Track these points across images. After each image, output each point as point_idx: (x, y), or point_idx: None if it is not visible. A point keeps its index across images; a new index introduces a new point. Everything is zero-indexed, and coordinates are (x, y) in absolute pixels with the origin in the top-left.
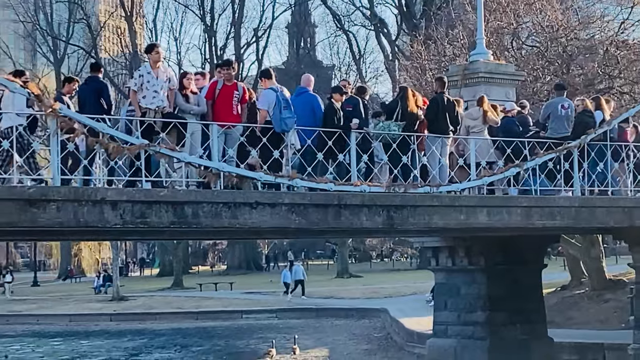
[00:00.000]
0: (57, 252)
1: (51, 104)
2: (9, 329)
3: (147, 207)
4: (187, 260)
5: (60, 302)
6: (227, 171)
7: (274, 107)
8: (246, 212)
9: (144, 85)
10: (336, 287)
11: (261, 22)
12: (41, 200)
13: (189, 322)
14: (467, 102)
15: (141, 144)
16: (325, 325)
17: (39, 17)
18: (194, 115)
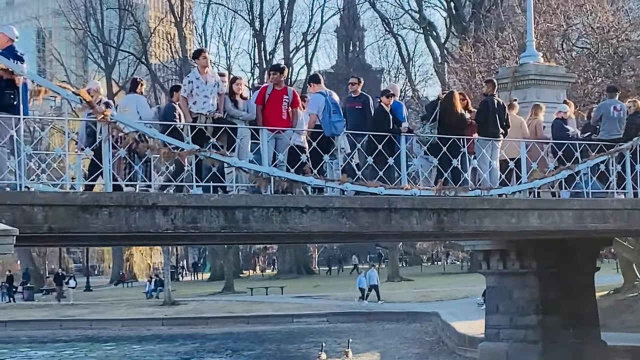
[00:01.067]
0: (109, 257)
1: (103, 110)
2: (62, 333)
3: (198, 212)
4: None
5: (113, 307)
6: (278, 176)
7: (323, 111)
8: (297, 217)
9: (194, 91)
10: (387, 290)
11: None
12: (94, 206)
13: (240, 326)
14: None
15: (192, 149)
16: (376, 329)
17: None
18: (244, 120)
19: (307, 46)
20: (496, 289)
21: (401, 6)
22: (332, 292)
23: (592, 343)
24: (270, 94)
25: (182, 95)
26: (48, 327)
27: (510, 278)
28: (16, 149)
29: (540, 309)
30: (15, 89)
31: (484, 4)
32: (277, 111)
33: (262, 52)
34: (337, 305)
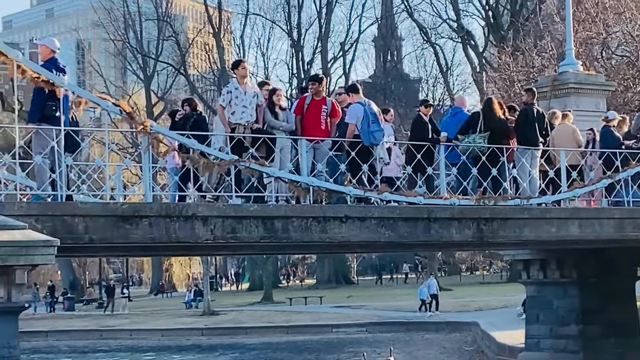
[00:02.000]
0: (149, 268)
1: (142, 121)
2: (102, 344)
3: (237, 222)
4: (276, 274)
5: (152, 317)
6: (316, 185)
7: (362, 120)
8: (336, 226)
9: (233, 101)
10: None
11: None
12: (134, 216)
13: (279, 336)
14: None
15: (231, 160)
16: (415, 338)
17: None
18: (283, 131)
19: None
20: (536, 299)
21: (439, 15)
22: (370, 302)
23: (634, 352)
24: (309, 104)
25: (220, 105)
26: (88, 337)
27: (550, 287)
28: (57, 160)
29: (581, 318)
30: (57, 100)
31: (522, 13)
32: (316, 121)
33: (300, 62)
34: (376, 315)
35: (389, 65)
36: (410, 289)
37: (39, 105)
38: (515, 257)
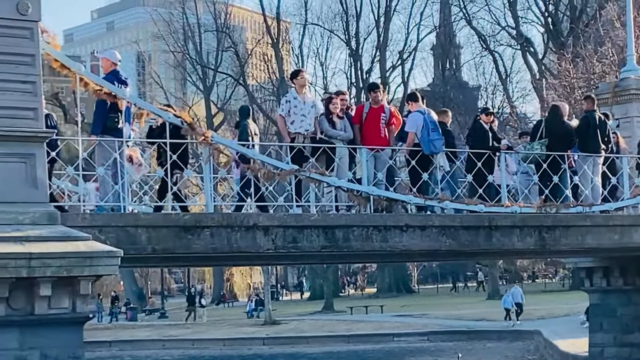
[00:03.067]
0: (210, 278)
1: (203, 132)
2: (165, 353)
3: (298, 231)
4: (337, 283)
5: (214, 327)
6: (377, 194)
7: (421, 129)
8: (396, 235)
9: (292, 111)
10: (487, 309)
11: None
12: (196, 227)
13: (340, 345)
14: (618, 119)
15: (291, 169)
16: (477, 347)
17: (188, 47)
18: (341, 140)
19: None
20: (599, 307)
21: (498, 23)
22: (432, 311)
23: None
24: (367, 113)
25: (280, 115)
26: (151, 347)
27: (614, 295)
28: (119, 172)
29: None
30: (119, 112)
31: (582, 19)
32: (376, 129)
33: (359, 71)
34: (437, 324)
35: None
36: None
37: (101, 117)
38: (578, 265)
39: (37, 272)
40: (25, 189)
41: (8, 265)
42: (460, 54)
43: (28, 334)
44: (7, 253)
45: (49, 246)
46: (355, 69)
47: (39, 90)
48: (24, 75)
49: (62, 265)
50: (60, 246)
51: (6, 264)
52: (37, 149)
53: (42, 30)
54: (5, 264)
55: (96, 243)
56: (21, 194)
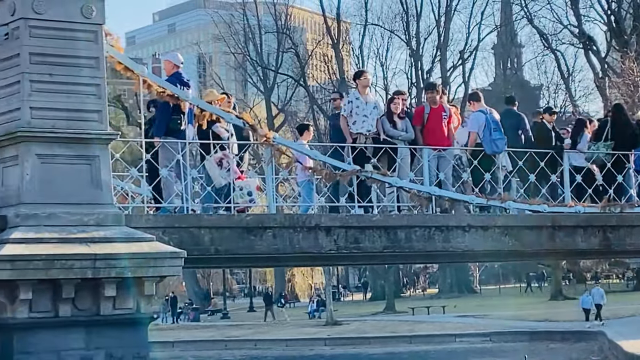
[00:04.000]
0: (271, 278)
1: (265, 133)
2: (227, 354)
3: (360, 232)
4: (398, 284)
5: (276, 327)
6: (439, 195)
7: (483, 129)
8: (459, 235)
9: (354, 111)
10: (550, 309)
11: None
12: (258, 227)
13: (402, 346)
14: None
15: (353, 170)
16: (540, 348)
17: (249, 49)
18: (402, 140)
19: (464, 64)
20: None
21: (560, 21)
22: (494, 311)
23: None
24: (429, 113)
25: (342, 115)
26: (213, 347)
27: None
28: (182, 173)
29: None
30: (182, 114)
31: None
32: (439, 130)
33: (419, 71)
34: (500, 324)
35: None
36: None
37: (164, 119)
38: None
39: (102, 273)
40: (90, 190)
41: (74, 266)
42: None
43: (94, 334)
44: (72, 254)
45: (114, 247)
46: (416, 69)
47: (103, 93)
48: (88, 77)
49: (127, 266)
50: (124, 247)
51: (72, 265)
52: (101, 151)
53: (106, 33)
54: (70, 265)
55: (160, 244)
56: (86, 195)
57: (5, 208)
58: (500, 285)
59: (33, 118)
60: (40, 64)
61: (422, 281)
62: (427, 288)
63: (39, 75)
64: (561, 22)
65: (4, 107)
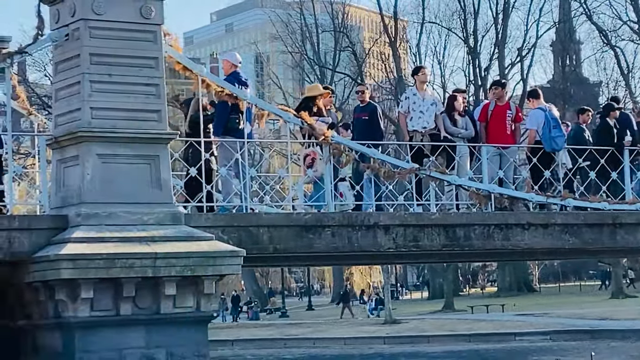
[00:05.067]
0: (330, 277)
1: (323, 132)
2: (286, 352)
3: (418, 230)
4: (457, 282)
5: (335, 326)
6: (498, 192)
7: (543, 126)
8: (518, 234)
9: (411, 107)
10: (611, 308)
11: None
12: (317, 226)
13: (461, 344)
14: None
15: (411, 168)
16: (601, 347)
17: (306, 48)
18: (462, 138)
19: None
20: None
21: (619, 17)
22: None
23: None
24: (493, 110)
25: (400, 112)
26: (272, 346)
27: None
28: (241, 172)
29: None
30: (240, 113)
31: None
32: (502, 127)
33: (477, 69)
34: (560, 323)
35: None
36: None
37: (222, 118)
38: None
39: (162, 272)
40: (150, 189)
41: (134, 265)
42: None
43: (154, 333)
44: (133, 253)
45: (174, 246)
46: (474, 66)
47: (162, 93)
48: (147, 77)
49: (187, 265)
50: (184, 246)
51: (132, 264)
52: (161, 151)
53: (165, 33)
54: (131, 264)
55: (219, 243)
56: (146, 194)
57: (66, 207)
58: (559, 283)
59: (93, 118)
60: (100, 65)
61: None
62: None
63: (99, 75)
64: (620, 18)
65: (65, 107)
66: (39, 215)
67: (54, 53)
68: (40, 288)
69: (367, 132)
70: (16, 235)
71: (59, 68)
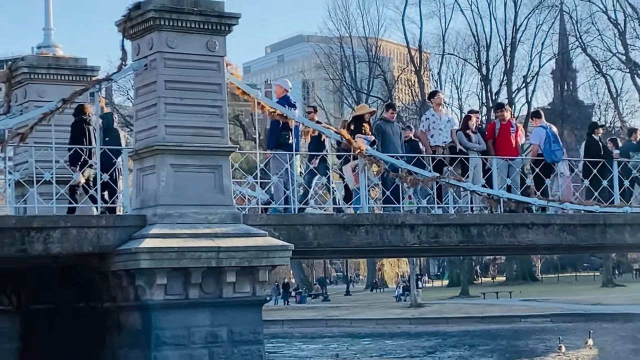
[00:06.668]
0: (364, 267)
1: (359, 145)
2: (327, 330)
3: (439, 229)
4: (472, 272)
5: (368, 309)
6: (506, 197)
7: (544, 141)
8: (523, 232)
9: (431, 126)
10: (602, 295)
11: (529, 70)
12: (353, 225)
13: (475, 325)
14: None
15: (433, 176)
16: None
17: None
18: (476, 151)
19: (527, 87)
20: None
21: (609, 50)
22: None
23: None
24: (499, 129)
25: (421, 130)
26: (316, 325)
27: None
28: (290, 179)
29: None
30: (289, 130)
31: None
32: (509, 142)
33: (489, 93)
34: (559, 307)
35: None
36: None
37: (275, 134)
38: None
39: (224, 263)
40: (214, 194)
41: (201, 257)
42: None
43: (218, 314)
44: (200, 247)
45: (234, 241)
46: (486, 91)
47: (225, 113)
48: (212, 100)
49: (244, 257)
50: (242, 241)
51: (199, 256)
52: (223, 161)
53: (227, 63)
54: (198, 256)
55: (272, 239)
56: (211, 198)
57: (144, 209)
58: (558, 274)
59: (167, 134)
60: (173, 90)
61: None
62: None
63: (172, 99)
64: (610, 51)
65: (144, 125)
66: (122, 215)
67: (135, 80)
68: (123, 275)
69: (317, 145)
70: (103, 231)
71: (139, 92)
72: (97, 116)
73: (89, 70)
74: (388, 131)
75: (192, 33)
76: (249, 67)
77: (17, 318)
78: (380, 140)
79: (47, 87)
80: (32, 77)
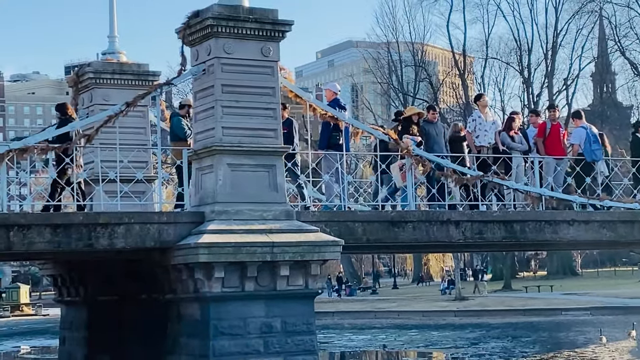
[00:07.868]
0: (411, 262)
1: (407, 145)
2: (376, 322)
3: (483, 225)
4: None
5: (415, 301)
6: (548, 195)
7: (584, 141)
8: (564, 228)
9: (477, 127)
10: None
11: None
12: (401, 221)
13: (517, 317)
14: None
15: (477, 175)
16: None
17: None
18: (519, 151)
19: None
20: None
21: None
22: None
23: None
24: (550, 129)
25: (467, 131)
26: (365, 317)
27: None
28: (340, 178)
29: None
30: (340, 131)
31: None
32: (557, 142)
33: (530, 95)
34: (599, 300)
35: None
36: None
37: (326, 135)
38: None
39: (278, 257)
40: (269, 192)
41: (256, 251)
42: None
43: (272, 305)
44: (255, 242)
45: (287, 237)
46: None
47: (278, 115)
48: (266, 103)
49: (297, 251)
50: (295, 237)
51: (255, 251)
52: (277, 161)
53: (280, 68)
54: (254, 251)
55: (323, 234)
56: (266, 196)
57: (203, 206)
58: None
59: (224, 135)
60: (230, 93)
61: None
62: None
63: (229, 102)
64: None
65: (202, 127)
66: (182, 212)
67: (193, 84)
68: (182, 269)
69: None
70: (164, 227)
71: (197, 96)
72: (158, 118)
73: (150, 75)
74: (432, 132)
75: (248, 39)
76: (300, 72)
77: (85, 309)
78: (424, 141)
79: (111, 91)
80: (98, 82)
